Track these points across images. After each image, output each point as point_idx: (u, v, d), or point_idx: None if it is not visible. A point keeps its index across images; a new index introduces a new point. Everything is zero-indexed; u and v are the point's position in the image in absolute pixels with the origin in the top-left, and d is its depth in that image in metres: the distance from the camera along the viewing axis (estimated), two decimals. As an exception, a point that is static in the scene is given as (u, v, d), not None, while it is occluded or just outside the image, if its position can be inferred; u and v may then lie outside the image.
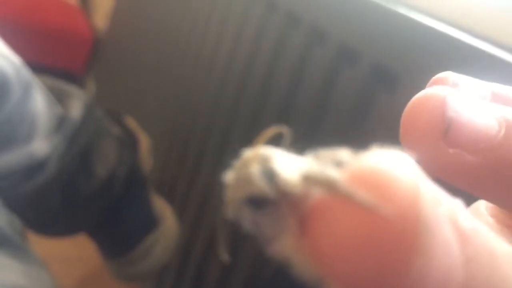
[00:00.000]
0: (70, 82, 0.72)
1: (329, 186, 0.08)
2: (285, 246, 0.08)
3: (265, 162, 0.09)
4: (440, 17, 0.46)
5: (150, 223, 0.70)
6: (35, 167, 0.54)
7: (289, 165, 0.08)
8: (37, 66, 0.69)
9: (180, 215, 0.76)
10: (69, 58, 1.39)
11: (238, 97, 0.70)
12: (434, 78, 0.13)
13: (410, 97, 0.12)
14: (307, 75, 0.58)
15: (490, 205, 0.14)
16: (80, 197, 0.60)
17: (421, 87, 0.15)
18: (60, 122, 0.57)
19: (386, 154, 0.08)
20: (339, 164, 0.08)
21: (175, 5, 0.98)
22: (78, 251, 0.85)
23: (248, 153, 0.09)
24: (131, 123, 0.81)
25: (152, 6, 1.11)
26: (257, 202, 0.08)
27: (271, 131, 0.10)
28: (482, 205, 0.14)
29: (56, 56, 1.37)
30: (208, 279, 0.71)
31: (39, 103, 0.54)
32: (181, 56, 0.90)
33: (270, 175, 0.08)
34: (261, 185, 0.08)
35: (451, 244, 0.08)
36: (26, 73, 0.53)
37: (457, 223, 0.08)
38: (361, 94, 0.49)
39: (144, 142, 0.79)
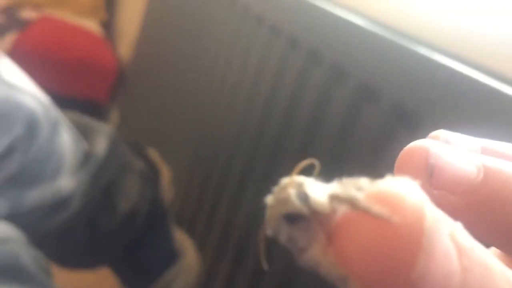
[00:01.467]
0: (94, 112, 0.73)
1: (351, 203, 0.10)
2: (315, 254, 0.10)
3: (299, 187, 0.11)
4: (460, 57, 0.46)
5: (170, 256, 0.70)
6: (61, 203, 0.55)
7: (319, 189, 0.10)
8: (62, 96, 0.71)
9: (200, 248, 0.77)
10: (94, 88, 1.42)
11: (259, 131, 0.70)
12: (429, 135, 0.15)
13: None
14: (328, 112, 0.58)
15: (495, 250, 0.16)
16: (103, 232, 0.61)
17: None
18: (85, 158, 0.58)
19: (398, 180, 0.10)
20: (359, 188, 0.10)
21: (199, 38, 0.99)
22: (99, 282, 0.85)
23: (286, 180, 0.11)
24: (153, 155, 0.82)
25: (175, 39, 1.13)
26: (293, 219, 0.10)
27: (304, 162, 0.12)
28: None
29: (81, 86, 1.40)
30: (228, 313, 0.71)
31: (66, 140, 0.55)
32: (203, 89, 0.92)
33: (304, 196, 0.10)
34: (297, 204, 0.10)
35: (450, 253, 0.09)
36: (54, 111, 0.55)
37: (456, 239, 0.10)
38: (381, 132, 0.50)
39: (166, 174, 0.80)
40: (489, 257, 0.10)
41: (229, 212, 0.74)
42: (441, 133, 0.15)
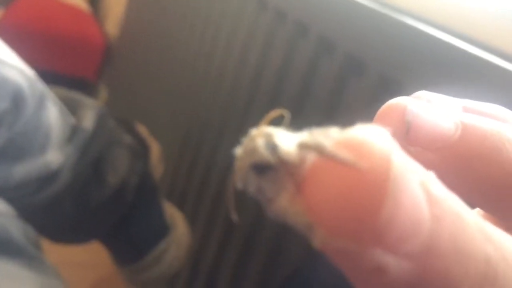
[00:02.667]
0: (82, 89, 0.73)
1: (318, 150, 0.10)
2: (283, 204, 0.10)
3: (268, 137, 0.10)
4: (447, 28, 0.46)
5: (161, 230, 0.71)
6: (49, 177, 0.55)
7: (288, 139, 0.10)
8: (50, 73, 0.70)
9: (191, 221, 0.77)
10: (82, 65, 1.41)
11: (247, 105, 0.70)
12: (411, 95, 0.15)
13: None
14: (316, 84, 0.58)
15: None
16: (93, 206, 0.61)
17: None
18: (73, 133, 0.58)
19: (367, 127, 0.10)
20: (328, 136, 0.10)
21: (186, 13, 0.99)
22: (91, 256, 0.86)
23: (254, 131, 0.11)
24: (142, 130, 0.82)
25: (163, 14, 1.12)
26: (261, 169, 0.10)
27: (273, 113, 0.12)
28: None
29: (69, 63, 1.38)
30: (218, 286, 0.72)
31: (53, 114, 0.55)
32: (191, 64, 0.91)
33: (272, 146, 0.10)
34: (264, 154, 0.10)
35: (420, 201, 0.09)
36: (40, 85, 0.54)
37: (427, 187, 0.09)
38: (368, 103, 0.50)
39: (155, 149, 0.80)
40: (462, 207, 0.10)
41: (219, 186, 0.74)
42: (423, 93, 0.15)
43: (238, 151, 0.11)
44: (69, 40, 1.37)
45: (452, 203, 0.10)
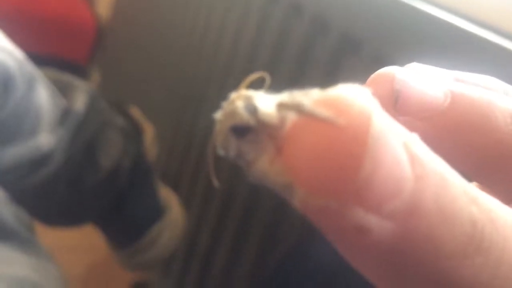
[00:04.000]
0: (74, 72, 0.72)
1: (297, 108, 0.09)
2: (263, 166, 0.10)
3: (247, 99, 0.10)
4: (442, 5, 0.46)
5: (156, 212, 0.71)
6: (41, 160, 0.55)
7: (268, 102, 0.10)
8: (41, 56, 0.69)
9: (186, 204, 0.77)
10: (73, 48, 1.39)
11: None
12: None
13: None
14: (310, 63, 0.58)
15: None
16: (86, 189, 0.61)
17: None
18: (65, 115, 0.57)
19: (347, 86, 0.10)
20: (308, 97, 0.10)
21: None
22: (85, 240, 0.86)
23: (234, 94, 0.11)
24: (136, 113, 0.81)
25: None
26: (241, 131, 0.10)
27: (253, 76, 0.12)
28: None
29: (60, 46, 1.37)
30: (214, 268, 0.72)
31: (43, 96, 0.54)
32: (185, 45, 0.90)
33: (252, 108, 0.10)
34: (244, 115, 0.10)
35: (402, 160, 0.09)
36: (29, 67, 0.53)
37: (410, 148, 0.09)
38: (363, 82, 0.49)
39: (149, 131, 0.80)
40: (446, 169, 0.10)
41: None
42: (414, 65, 0.15)
43: (218, 114, 0.11)
44: (60, 22, 1.35)
45: (436, 164, 0.10)
